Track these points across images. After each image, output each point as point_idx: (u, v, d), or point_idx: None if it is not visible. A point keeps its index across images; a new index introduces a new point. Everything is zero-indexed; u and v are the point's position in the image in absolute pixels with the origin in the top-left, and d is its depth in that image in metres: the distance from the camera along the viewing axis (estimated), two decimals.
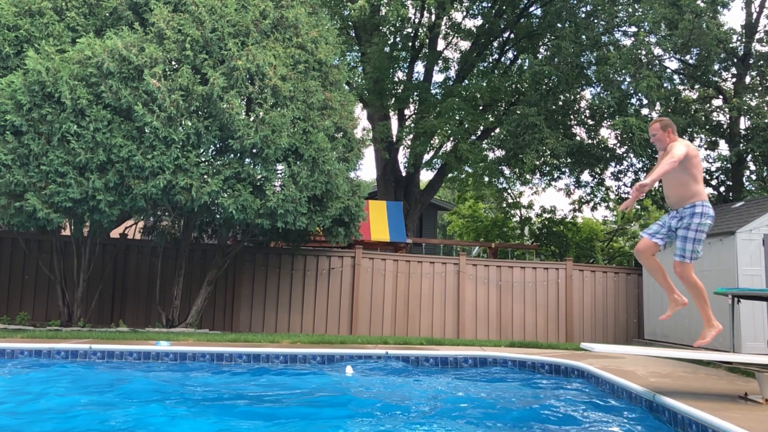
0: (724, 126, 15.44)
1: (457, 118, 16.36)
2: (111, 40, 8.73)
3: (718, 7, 14.03)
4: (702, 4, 13.74)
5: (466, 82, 18.07)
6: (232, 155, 9.60)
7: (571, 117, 16.65)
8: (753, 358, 5.09)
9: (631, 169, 16.96)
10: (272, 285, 11.93)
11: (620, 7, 15.25)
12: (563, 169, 17.52)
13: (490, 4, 17.92)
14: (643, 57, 14.17)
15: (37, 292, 11.17)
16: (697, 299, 5.12)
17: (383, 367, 7.57)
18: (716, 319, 5.26)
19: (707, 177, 16.30)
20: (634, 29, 15.13)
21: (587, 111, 16.55)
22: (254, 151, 9.37)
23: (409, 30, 17.70)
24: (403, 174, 18.54)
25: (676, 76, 15.92)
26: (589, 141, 16.45)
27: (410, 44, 17.93)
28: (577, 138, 16.33)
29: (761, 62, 14.53)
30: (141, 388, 5.82)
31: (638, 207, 18.84)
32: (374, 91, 16.75)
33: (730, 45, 14.35)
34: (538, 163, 16.58)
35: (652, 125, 5.40)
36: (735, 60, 14.72)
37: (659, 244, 5.19)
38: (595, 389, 6.41)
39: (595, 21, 15.45)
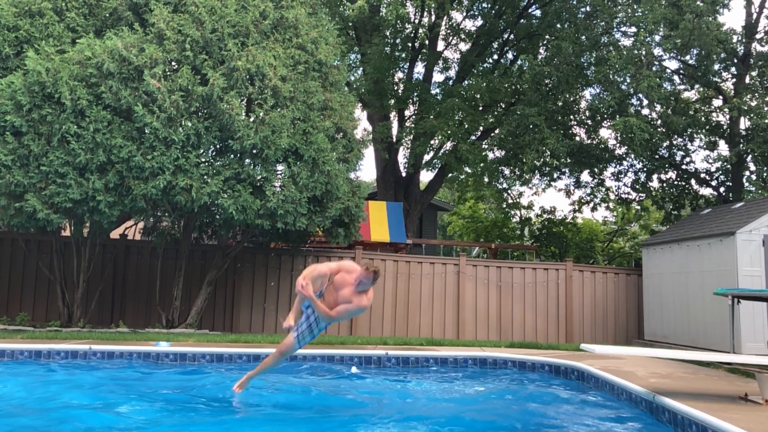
0: (724, 126, 15.44)
1: (456, 118, 16.35)
2: (111, 41, 8.72)
3: (718, 7, 14.03)
4: (702, 4, 13.74)
5: (466, 82, 18.05)
6: (232, 156, 9.59)
7: (571, 117, 16.64)
8: (753, 359, 5.09)
9: (631, 170, 16.96)
10: (272, 286, 11.92)
11: (620, 8, 15.25)
12: (563, 170, 17.51)
13: (489, 5, 17.91)
14: (643, 57, 14.17)
15: (37, 292, 11.16)
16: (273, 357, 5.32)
17: (384, 368, 7.57)
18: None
19: (708, 178, 16.32)
20: (634, 29, 15.13)
21: (587, 111, 16.54)
22: (254, 151, 9.37)
23: (409, 30, 17.69)
24: (403, 174, 18.53)
25: (676, 77, 15.92)
26: (589, 141, 16.44)
27: (410, 45, 17.92)
28: (577, 138, 16.32)
29: (761, 62, 14.54)
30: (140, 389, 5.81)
31: (638, 207, 18.83)
32: (374, 92, 16.73)
33: (730, 45, 14.35)
34: (538, 163, 16.57)
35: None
36: (735, 60, 14.72)
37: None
38: (595, 390, 6.41)
39: (595, 21, 15.44)
